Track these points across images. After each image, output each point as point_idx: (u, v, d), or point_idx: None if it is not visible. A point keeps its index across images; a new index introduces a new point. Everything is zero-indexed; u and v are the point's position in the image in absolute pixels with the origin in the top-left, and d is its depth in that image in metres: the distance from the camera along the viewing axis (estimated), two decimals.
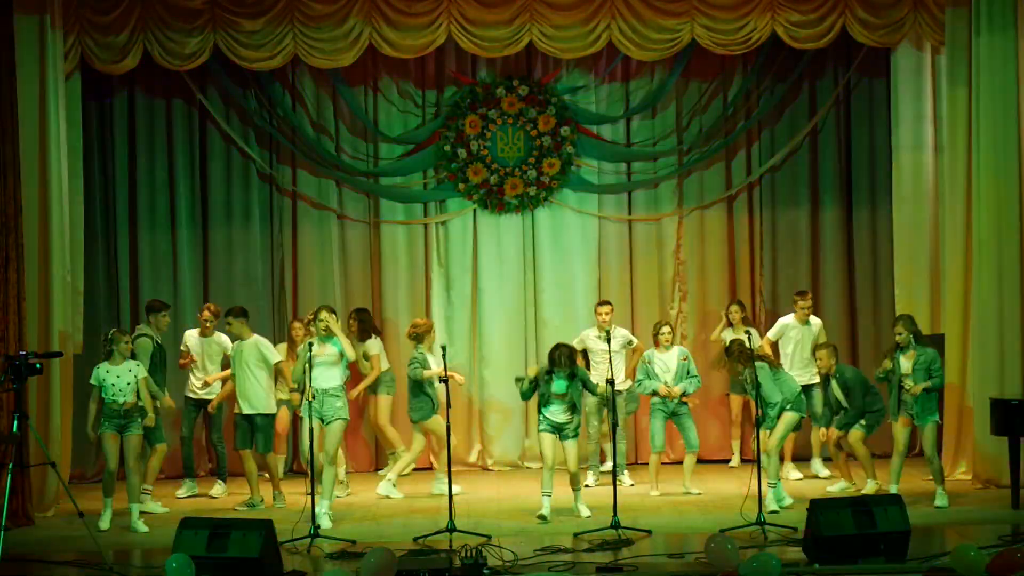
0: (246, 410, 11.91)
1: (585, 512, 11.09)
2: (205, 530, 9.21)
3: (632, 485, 12.67)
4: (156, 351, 12.12)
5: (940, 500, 11.35)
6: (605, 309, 12.84)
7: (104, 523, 11.15)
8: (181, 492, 12.66)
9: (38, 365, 10.37)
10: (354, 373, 12.45)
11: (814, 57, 13.89)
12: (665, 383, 12.31)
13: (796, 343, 13.04)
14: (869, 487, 11.85)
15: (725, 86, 14.20)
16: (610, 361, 11.42)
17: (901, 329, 11.61)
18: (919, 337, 11.67)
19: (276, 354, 12.05)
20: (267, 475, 12.16)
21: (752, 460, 11.81)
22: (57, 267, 12.06)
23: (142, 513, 11.29)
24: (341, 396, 11.22)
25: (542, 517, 10.99)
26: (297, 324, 12.95)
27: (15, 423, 10.10)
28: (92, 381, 11.37)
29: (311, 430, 10.92)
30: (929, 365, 11.44)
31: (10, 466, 10.30)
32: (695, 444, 12.42)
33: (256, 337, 12.01)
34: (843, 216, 14.26)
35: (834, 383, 11.90)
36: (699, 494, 12.17)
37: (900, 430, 11.59)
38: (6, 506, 9.91)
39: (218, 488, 12.65)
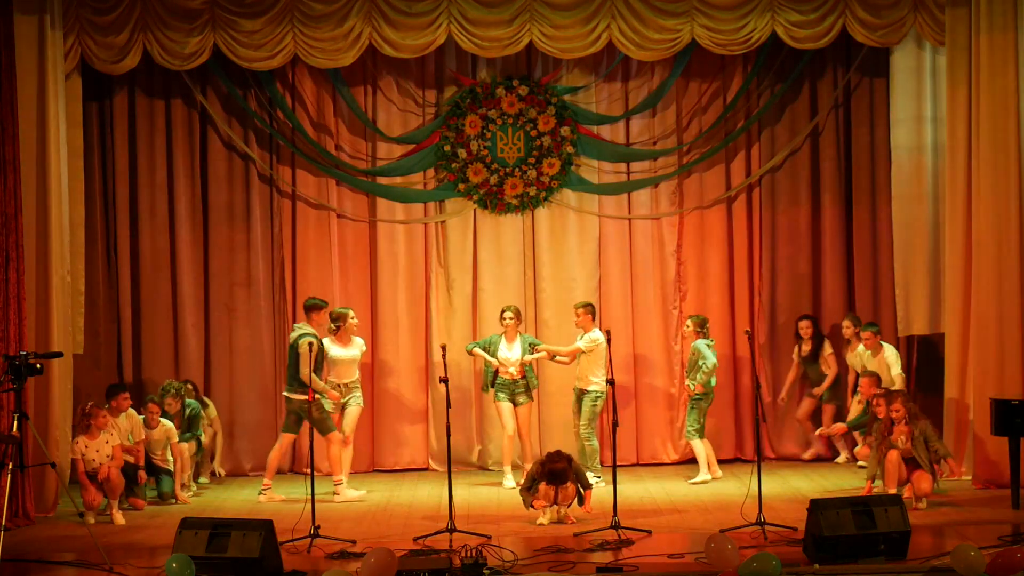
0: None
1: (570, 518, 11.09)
2: (205, 530, 9.22)
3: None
4: (319, 350, 12.29)
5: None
6: (576, 311, 13.12)
7: (90, 519, 11.32)
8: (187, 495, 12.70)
9: (38, 365, 10.37)
10: None
11: (814, 57, 13.88)
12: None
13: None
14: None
15: (725, 86, 14.20)
16: (609, 361, 11.38)
17: (899, 407, 11.60)
18: (916, 415, 11.69)
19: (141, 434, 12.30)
20: None
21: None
22: (57, 267, 12.06)
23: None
24: (359, 386, 12.87)
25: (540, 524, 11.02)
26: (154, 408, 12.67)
27: (15, 423, 10.09)
28: (75, 456, 11.69)
29: (311, 430, 11.00)
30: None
31: (10, 466, 10.30)
32: (686, 434, 13.08)
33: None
34: (843, 216, 14.26)
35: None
36: (702, 481, 12.67)
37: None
38: (6, 506, 9.91)
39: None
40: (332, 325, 12.64)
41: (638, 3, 12.68)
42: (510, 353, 13.01)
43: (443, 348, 11.63)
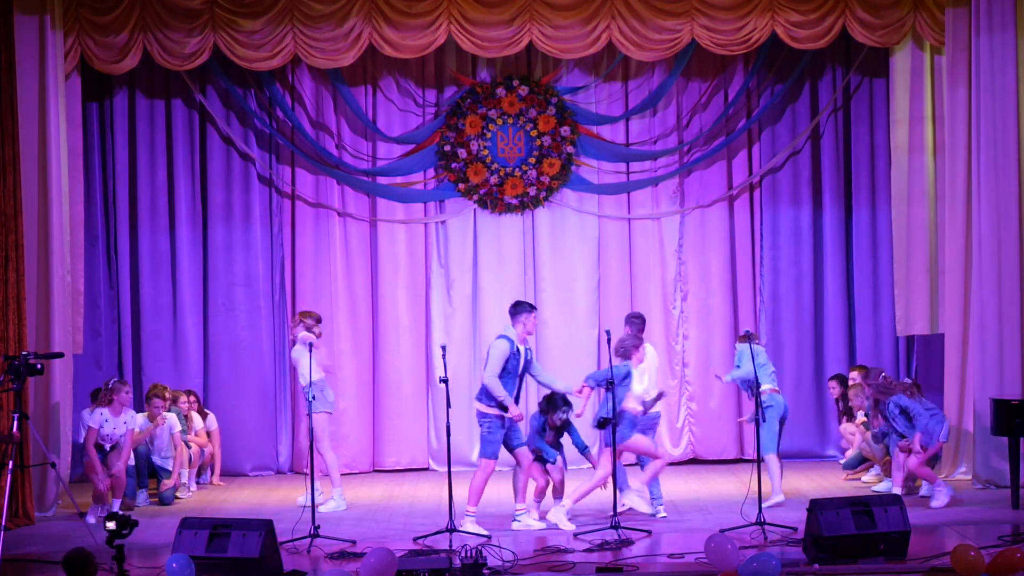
0: None
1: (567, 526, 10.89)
2: (205, 530, 9.22)
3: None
4: (511, 357, 10.75)
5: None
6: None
7: (90, 519, 11.32)
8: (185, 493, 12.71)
9: (38, 365, 10.37)
10: None
11: (814, 57, 13.89)
12: None
13: None
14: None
15: (725, 86, 14.20)
16: (610, 361, 11.32)
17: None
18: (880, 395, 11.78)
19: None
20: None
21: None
22: (57, 267, 12.06)
23: None
24: (316, 392, 11.30)
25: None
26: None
27: (15, 423, 10.10)
28: (91, 424, 11.67)
29: (311, 430, 11.01)
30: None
31: (10, 466, 10.30)
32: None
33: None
34: (843, 216, 14.26)
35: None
36: (777, 503, 11.53)
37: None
38: (6, 506, 9.91)
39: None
40: None
41: (638, 3, 12.68)
42: (645, 385, 11.30)
43: (443, 348, 11.60)
